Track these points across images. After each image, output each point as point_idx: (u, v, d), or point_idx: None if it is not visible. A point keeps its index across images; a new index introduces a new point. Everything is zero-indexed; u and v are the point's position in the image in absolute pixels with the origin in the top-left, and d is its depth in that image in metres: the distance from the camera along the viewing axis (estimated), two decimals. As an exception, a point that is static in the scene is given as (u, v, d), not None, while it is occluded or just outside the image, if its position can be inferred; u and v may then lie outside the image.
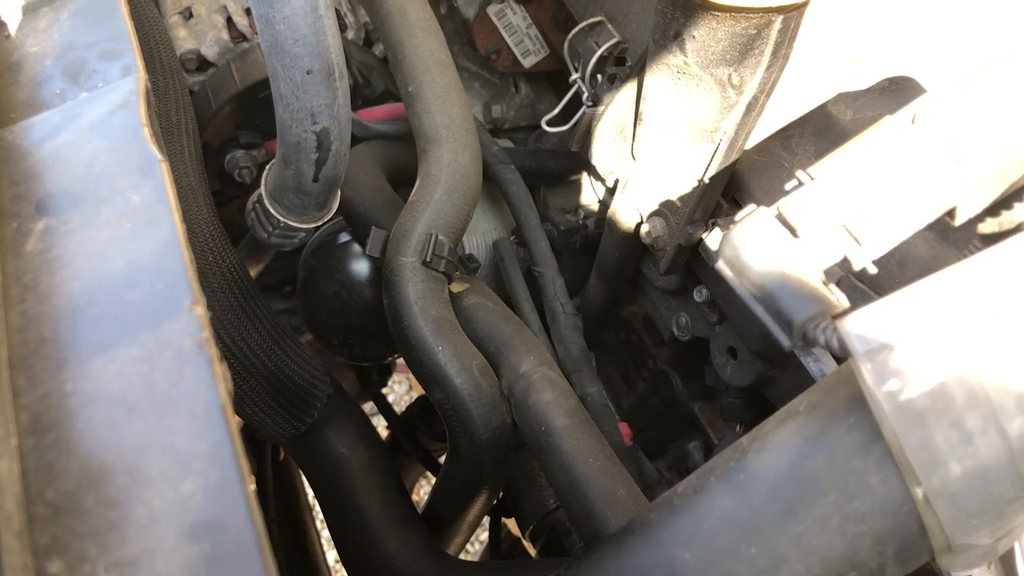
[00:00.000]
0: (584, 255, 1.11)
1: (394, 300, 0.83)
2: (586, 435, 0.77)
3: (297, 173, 0.79)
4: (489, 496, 0.91)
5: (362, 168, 0.99)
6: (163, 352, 0.40)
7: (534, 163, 1.11)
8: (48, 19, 0.59)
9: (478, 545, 2.50)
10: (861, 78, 0.83)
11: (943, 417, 0.40)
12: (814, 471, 0.45)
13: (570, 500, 0.74)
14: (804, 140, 0.82)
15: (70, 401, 0.39)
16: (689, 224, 0.82)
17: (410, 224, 0.85)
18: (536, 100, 1.32)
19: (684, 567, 0.47)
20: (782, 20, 0.66)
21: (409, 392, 2.90)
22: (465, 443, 0.82)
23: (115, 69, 0.55)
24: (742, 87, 0.71)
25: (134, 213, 0.46)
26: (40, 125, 0.52)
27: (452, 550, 0.99)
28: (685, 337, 0.96)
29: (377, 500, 0.92)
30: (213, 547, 0.34)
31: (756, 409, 0.91)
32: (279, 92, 0.72)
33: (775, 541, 0.45)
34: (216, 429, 0.37)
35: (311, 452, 0.96)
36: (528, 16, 1.22)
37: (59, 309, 0.42)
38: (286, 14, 0.66)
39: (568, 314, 1.00)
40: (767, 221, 0.52)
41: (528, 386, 0.80)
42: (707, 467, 0.51)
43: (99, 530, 0.35)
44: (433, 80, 0.92)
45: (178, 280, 0.42)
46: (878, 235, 0.51)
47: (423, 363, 0.81)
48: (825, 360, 0.74)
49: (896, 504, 0.43)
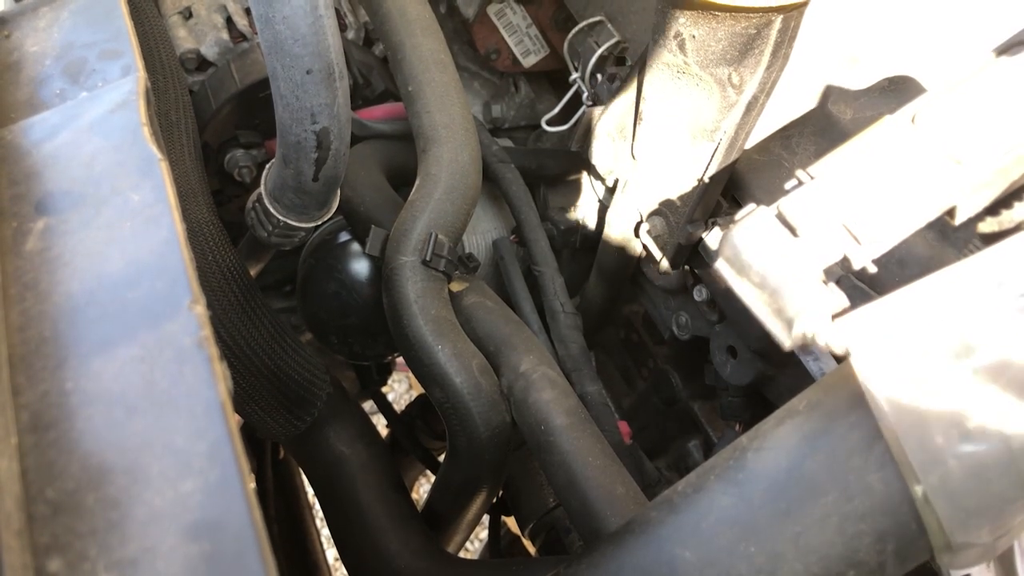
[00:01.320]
0: (584, 254, 1.11)
1: (394, 299, 0.83)
2: (586, 434, 0.77)
3: (297, 172, 0.79)
4: (488, 494, 0.91)
5: (362, 167, 0.99)
6: (163, 351, 0.40)
7: (534, 162, 1.11)
8: (48, 19, 0.59)
9: (477, 543, 2.50)
10: (861, 78, 0.82)
11: (943, 416, 0.40)
12: (814, 470, 0.45)
13: (569, 498, 0.74)
14: (804, 140, 0.82)
15: (70, 400, 0.39)
16: (689, 223, 0.82)
17: (410, 223, 0.85)
18: (536, 100, 1.32)
19: (684, 565, 0.47)
20: (782, 20, 0.66)
21: (409, 391, 2.91)
22: (465, 442, 0.82)
23: (115, 69, 0.55)
24: (742, 87, 0.71)
25: (134, 212, 0.46)
26: (40, 125, 0.52)
27: (452, 548, 0.99)
28: (685, 336, 0.96)
29: (377, 498, 0.92)
30: (213, 546, 0.34)
31: (756, 408, 0.91)
32: (279, 92, 0.72)
33: (775, 540, 0.45)
34: (216, 428, 0.37)
35: (311, 451, 0.96)
36: (528, 16, 1.22)
37: (59, 308, 0.42)
38: (286, 14, 0.66)
39: (568, 313, 1.00)
40: (767, 220, 0.52)
41: (528, 385, 0.80)
42: (707, 466, 0.51)
43: (99, 529, 0.35)
44: (433, 80, 0.92)
45: (178, 279, 0.42)
46: (878, 234, 0.51)
47: (423, 362, 0.81)
48: (825, 359, 0.74)
49: (896, 503, 0.43)
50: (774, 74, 0.71)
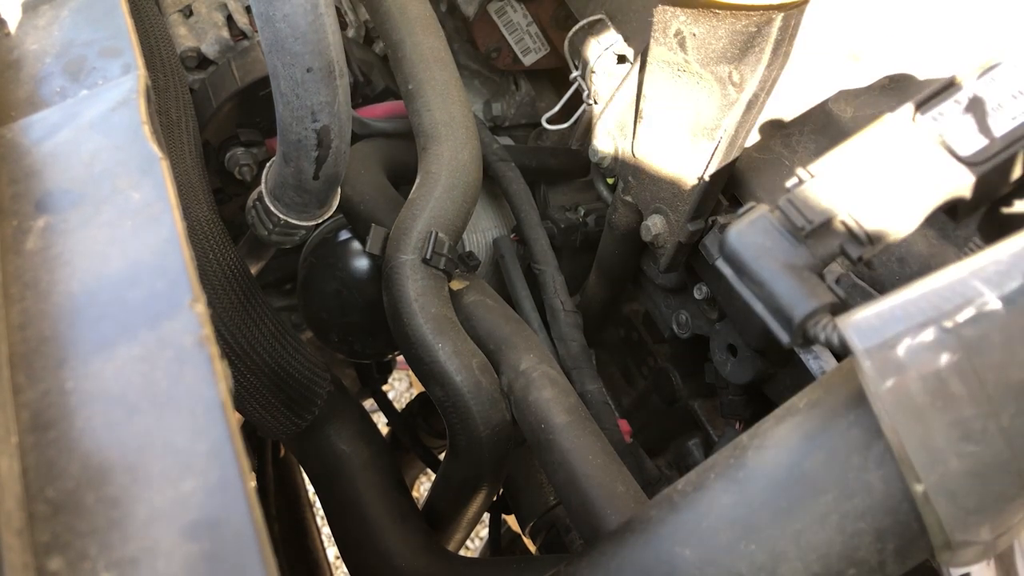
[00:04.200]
0: (584, 253, 1.11)
1: (394, 297, 0.83)
2: (586, 432, 0.77)
3: (297, 171, 0.79)
4: (489, 493, 0.91)
5: (362, 166, 0.99)
6: (163, 350, 0.40)
7: (534, 161, 1.11)
8: (48, 17, 0.59)
9: (478, 542, 2.50)
10: (862, 76, 0.82)
11: (943, 414, 0.40)
12: (814, 468, 0.45)
13: (570, 497, 0.74)
14: (804, 138, 0.81)
15: (71, 399, 0.39)
16: (689, 221, 0.82)
17: (410, 221, 0.85)
18: (536, 98, 1.32)
19: (684, 564, 0.47)
20: (782, 18, 0.66)
21: (409, 389, 2.91)
22: (465, 440, 0.82)
23: (115, 67, 0.55)
24: (742, 85, 0.71)
25: (134, 211, 0.45)
26: (40, 123, 0.52)
27: (452, 547, 0.99)
28: (685, 334, 0.96)
29: (377, 497, 0.92)
30: (213, 545, 0.34)
31: (756, 406, 0.91)
32: (279, 90, 0.72)
33: (775, 538, 0.45)
34: (216, 427, 0.37)
35: (312, 449, 0.96)
36: (528, 14, 1.21)
37: (59, 307, 0.42)
38: (286, 12, 0.66)
39: (568, 312, 1.00)
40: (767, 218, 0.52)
41: (528, 383, 0.80)
42: (707, 464, 0.51)
43: (100, 528, 0.35)
44: (433, 78, 0.92)
45: (178, 278, 0.42)
46: (878, 232, 0.51)
47: (423, 360, 0.81)
48: (825, 357, 0.74)
49: (896, 501, 0.43)
50: (774, 72, 0.71)
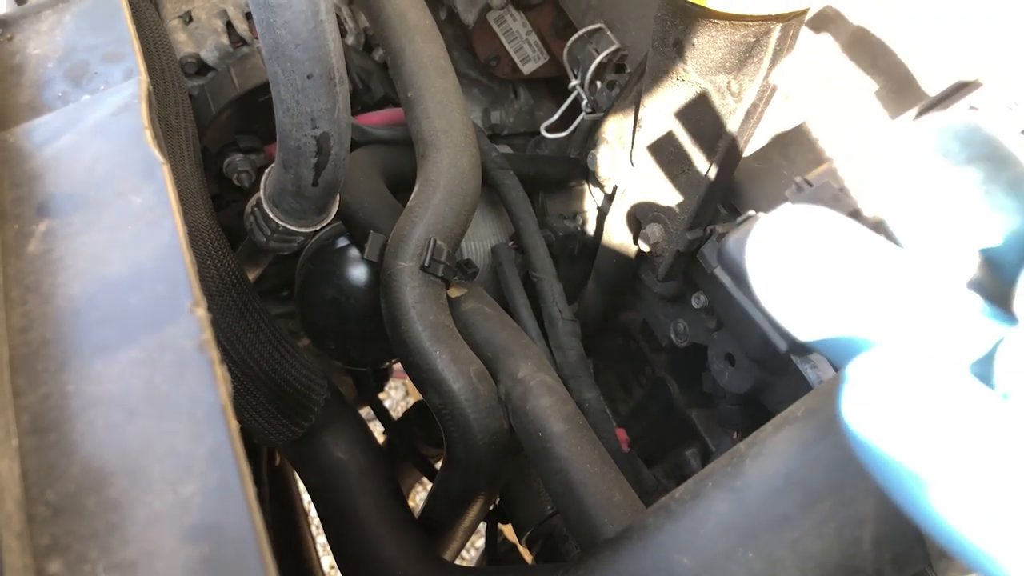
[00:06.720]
0: (582, 261, 1.11)
1: (392, 305, 0.83)
2: (583, 441, 0.77)
3: (296, 177, 0.79)
4: (485, 502, 0.91)
5: (361, 173, 1.00)
6: (164, 354, 0.40)
7: (533, 169, 1.12)
8: (50, 22, 0.60)
9: (474, 551, 2.49)
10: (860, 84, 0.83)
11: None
12: (811, 476, 0.45)
13: (567, 505, 0.74)
14: (802, 148, 0.82)
15: (71, 402, 0.39)
16: (688, 231, 0.83)
17: (408, 229, 0.85)
18: (535, 106, 1.33)
19: (682, 571, 0.47)
20: (781, 28, 0.66)
21: (406, 397, 2.90)
22: (462, 448, 0.82)
23: (117, 72, 0.55)
24: (741, 94, 0.72)
25: (136, 215, 0.46)
26: (42, 127, 0.52)
27: (448, 555, 0.99)
28: (683, 343, 0.96)
29: (373, 505, 0.92)
30: (213, 549, 0.34)
31: (754, 416, 0.91)
32: (279, 96, 0.72)
33: (772, 546, 0.45)
34: (217, 431, 0.37)
35: (308, 456, 0.95)
36: (528, 23, 1.22)
37: (61, 311, 0.42)
38: (287, 19, 0.66)
39: (566, 320, 1.00)
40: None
41: (526, 391, 0.80)
42: (705, 472, 0.51)
43: (99, 531, 0.35)
44: (432, 85, 0.93)
45: (179, 282, 0.42)
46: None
47: (420, 368, 0.81)
48: (822, 366, 0.74)
49: (893, 509, 0.43)
50: (773, 82, 0.71)
